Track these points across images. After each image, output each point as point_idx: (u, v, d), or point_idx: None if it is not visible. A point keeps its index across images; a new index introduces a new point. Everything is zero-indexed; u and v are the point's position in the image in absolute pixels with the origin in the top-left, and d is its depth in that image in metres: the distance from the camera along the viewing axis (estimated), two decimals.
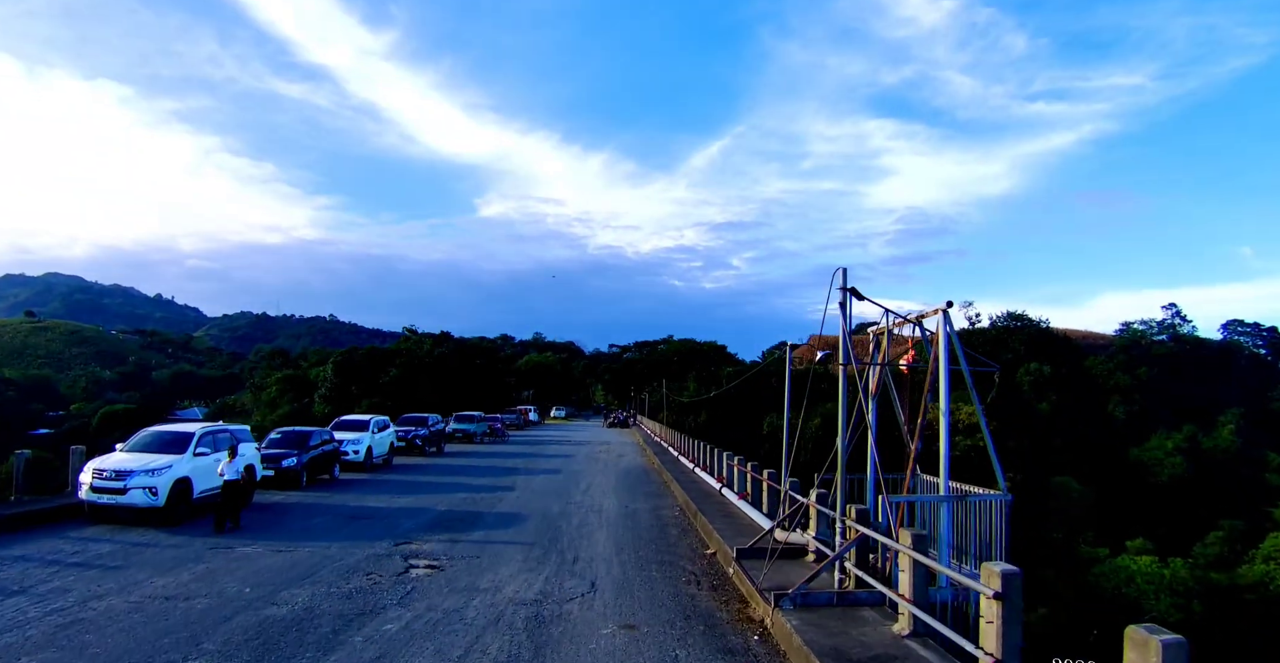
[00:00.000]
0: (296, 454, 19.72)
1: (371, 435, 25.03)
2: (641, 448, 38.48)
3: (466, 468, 26.26)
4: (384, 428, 26.67)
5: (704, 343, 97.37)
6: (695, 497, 17.09)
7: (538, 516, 15.79)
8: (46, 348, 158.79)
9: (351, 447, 23.99)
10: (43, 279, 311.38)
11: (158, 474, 14.20)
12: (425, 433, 31.15)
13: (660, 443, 39.30)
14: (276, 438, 20.86)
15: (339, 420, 26.42)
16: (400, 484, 21.09)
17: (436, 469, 25.69)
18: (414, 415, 33.11)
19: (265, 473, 19.14)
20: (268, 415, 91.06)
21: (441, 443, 33.40)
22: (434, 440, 32.37)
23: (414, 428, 31.13)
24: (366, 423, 25.62)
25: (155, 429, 16.49)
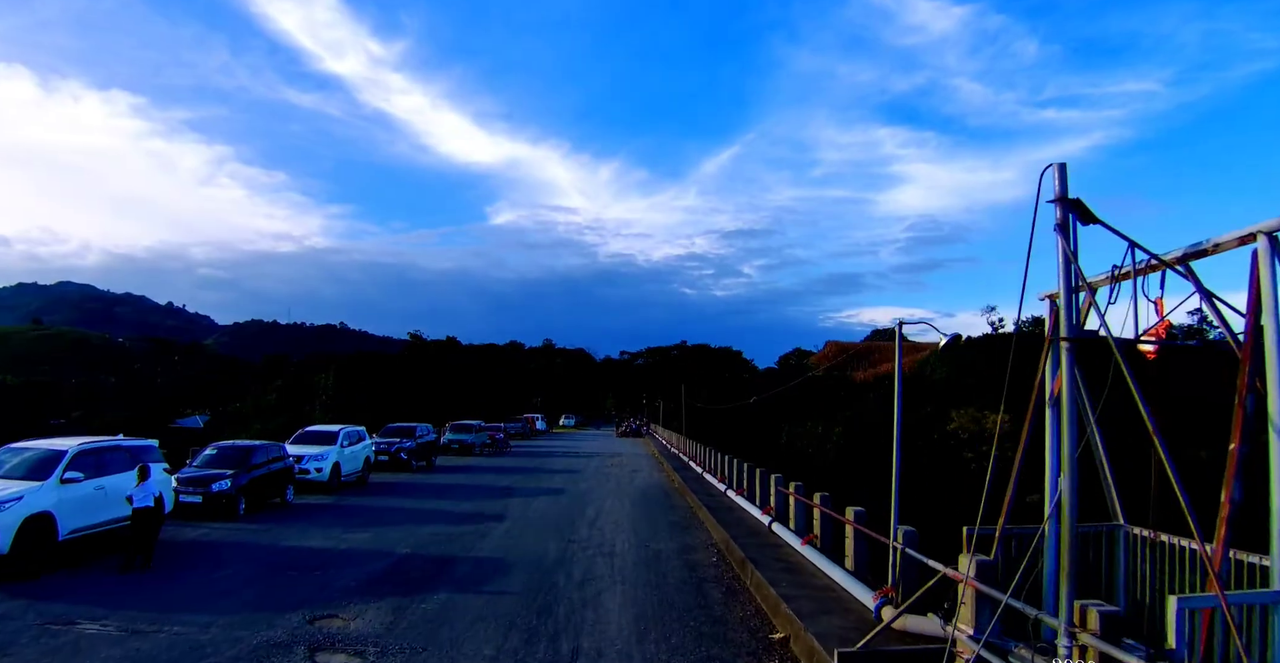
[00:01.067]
0: (232, 475, 15.64)
1: (339, 450, 20.93)
2: (657, 461, 34.28)
3: (454, 488, 22.11)
4: (357, 441, 22.55)
5: (719, 349, 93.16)
6: (738, 534, 12.88)
7: (527, 563, 11.60)
8: (51, 355, 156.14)
9: (313, 464, 19.90)
10: (54, 288, 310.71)
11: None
12: (411, 446, 27.04)
13: (678, 455, 35.08)
14: (211, 455, 16.77)
15: (303, 432, 22.34)
16: (365, 512, 16.95)
17: (418, 490, 21.55)
18: (399, 426, 29.01)
19: (191, 499, 15.15)
20: (267, 424, 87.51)
21: (432, 456, 29.28)
22: (423, 454, 28.25)
23: (398, 440, 27.04)
24: (335, 434, 21.51)
25: (15, 447, 12.42)
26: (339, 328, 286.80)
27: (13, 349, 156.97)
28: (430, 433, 29.65)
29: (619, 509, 17.90)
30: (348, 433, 22.06)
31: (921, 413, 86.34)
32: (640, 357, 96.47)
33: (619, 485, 23.50)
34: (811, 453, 71.60)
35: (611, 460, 34.57)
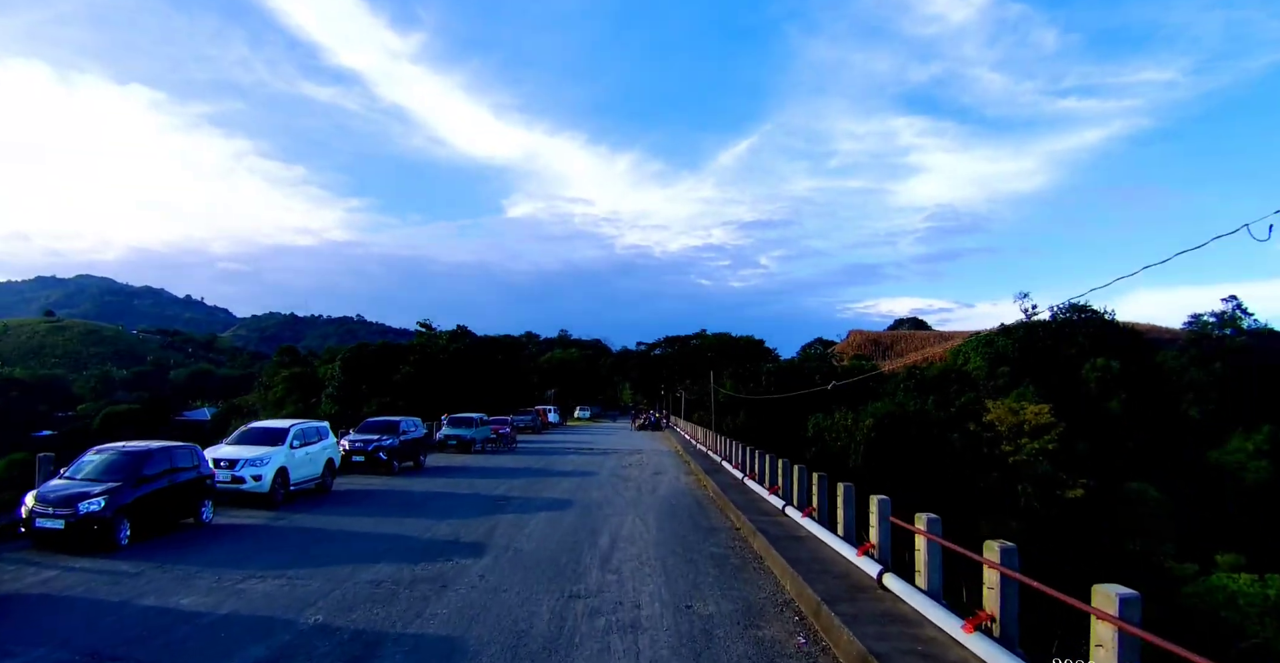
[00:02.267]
0: (110, 492, 11.20)
1: (287, 452, 16.44)
2: (682, 460, 29.67)
3: (435, 498, 17.60)
4: (315, 439, 18.02)
5: (740, 338, 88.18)
6: (828, 589, 8.25)
7: (497, 654, 7.03)
8: (64, 348, 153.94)
9: (249, 470, 15.43)
10: (74, 281, 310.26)
11: None
12: (393, 443, 22.56)
13: (706, 453, 30.44)
14: (93, 462, 12.26)
15: (247, 429, 17.82)
16: (300, 539, 12.47)
17: (388, 502, 17.04)
18: (380, 420, 24.53)
19: (49, 524, 10.80)
20: (275, 415, 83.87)
21: (420, 455, 24.80)
22: (408, 453, 23.79)
23: (377, 437, 22.59)
24: (283, 432, 17.01)
25: None
26: (356, 320, 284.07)
27: (25, 342, 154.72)
28: (418, 428, 25.18)
29: (641, 533, 13.28)
30: (302, 430, 17.56)
31: (957, 404, 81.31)
32: (658, 346, 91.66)
33: (639, 494, 18.88)
34: (840, 447, 66.84)
35: (630, 459, 29.99)
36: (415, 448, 24.32)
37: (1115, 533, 64.44)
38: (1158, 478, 74.33)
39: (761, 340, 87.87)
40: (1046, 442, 71.56)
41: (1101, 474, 69.13)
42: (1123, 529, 64.04)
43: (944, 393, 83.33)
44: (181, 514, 13.10)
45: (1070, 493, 66.71)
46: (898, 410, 71.04)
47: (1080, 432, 76.73)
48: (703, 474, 22.36)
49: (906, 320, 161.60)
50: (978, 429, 76.07)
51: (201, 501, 13.44)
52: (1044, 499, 67.29)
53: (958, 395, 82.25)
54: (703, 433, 35.19)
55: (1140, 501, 66.28)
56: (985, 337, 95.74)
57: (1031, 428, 72.41)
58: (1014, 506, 66.75)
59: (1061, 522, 66.95)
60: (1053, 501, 66.91)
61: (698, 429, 38.08)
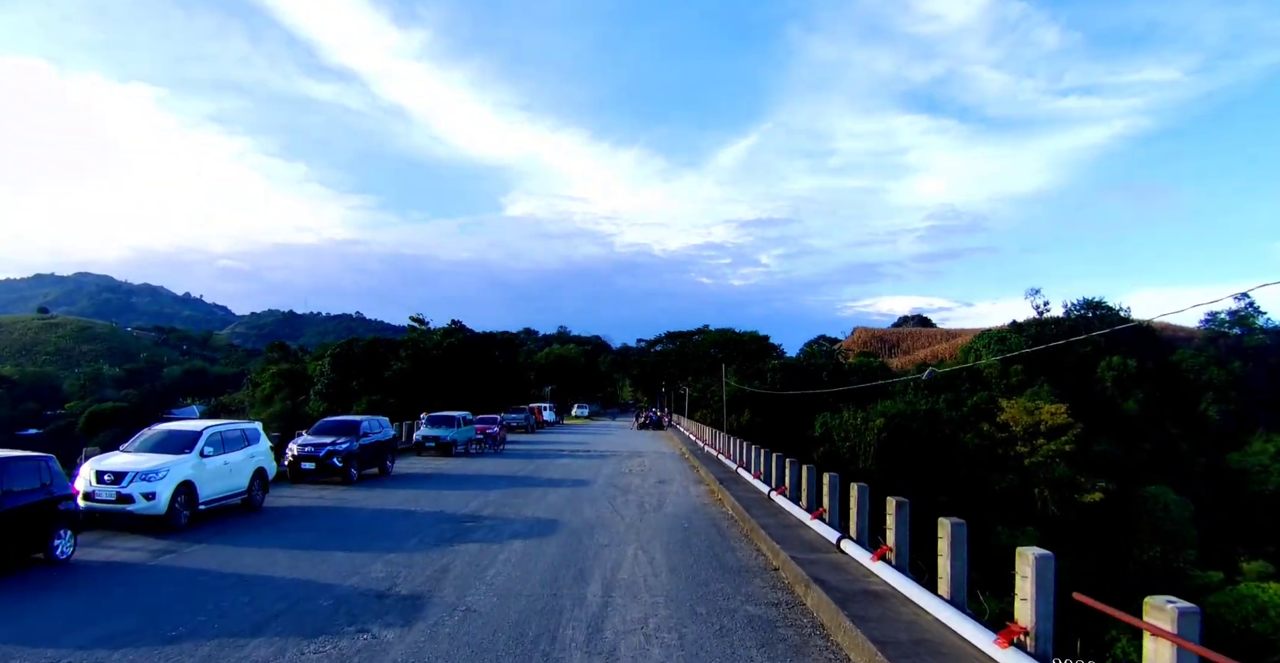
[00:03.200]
0: None
1: (194, 461, 12.82)
2: (689, 465, 26.01)
3: (385, 519, 13.92)
4: (239, 445, 14.36)
5: (744, 333, 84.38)
6: None
7: None
8: (56, 345, 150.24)
9: (140, 487, 11.81)
10: (73, 279, 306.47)
11: None
12: (349, 448, 18.91)
13: (716, 457, 26.80)
14: None
15: (151, 433, 14.15)
16: (167, 589, 8.83)
17: (321, 525, 13.35)
18: (337, 420, 20.86)
19: None
20: (261, 413, 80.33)
21: (387, 460, 21.18)
22: (371, 458, 20.17)
23: (331, 440, 18.94)
24: (194, 437, 13.39)
25: None
26: (356, 317, 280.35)
27: (17, 339, 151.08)
28: (384, 429, 21.52)
29: (646, 577, 9.62)
30: (219, 434, 13.88)
31: (970, 403, 77.73)
32: (659, 342, 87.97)
33: (642, 512, 15.22)
34: (849, 447, 63.30)
35: (630, 464, 26.33)
36: (380, 452, 20.68)
37: (1134, 539, 61.00)
38: (1176, 481, 70.90)
39: (766, 336, 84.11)
40: (1063, 443, 68.05)
41: (1118, 477, 65.73)
42: (1141, 535, 60.64)
43: (956, 392, 79.83)
44: (23, 549, 9.50)
45: (1088, 497, 63.25)
46: (909, 410, 67.44)
47: (1096, 432, 73.29)
48: (716, 484, 18.72)
49: (911, 317, 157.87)
50: (992, 430, 72.56)
51: (54, 530, 9.82)
52: (1062, 503, 63.83)
53: (970, 394, 78.78)
54: (710, 434, 31.54)
55: (1159, 505, 62.88)
56: (997, 333, 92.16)
57: (1048, 429, 68.96)
58: (1030, 509, 63.32)
59: (1080, 527, 63.48)
60: (1070, 504, 63.49)
61: (704, 429, 34.44)
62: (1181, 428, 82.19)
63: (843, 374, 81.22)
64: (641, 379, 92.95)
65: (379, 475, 20.80)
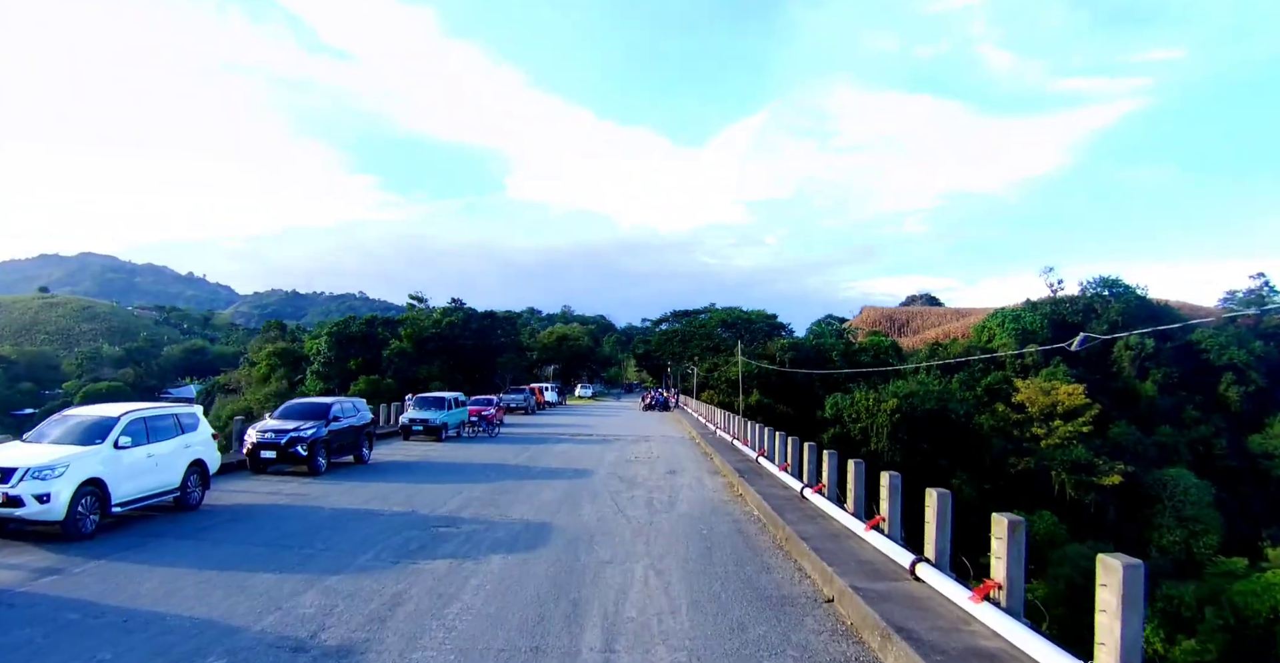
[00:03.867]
0: None
1: (106, 454, 10.40)
2: (702, 451, 23.62)
3: (343, 522, 11.43)
4: (170, 434, 11.93)
5: (752, 312, 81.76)
6: None
7: None
8: (56, 324, 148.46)
9: (32, 486, 9.43)
10: (77, 259, 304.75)
11: None
12: (316, 434, 16.50)
13: (731, 443, 24.36)
14: None
15: (60, 419, 11.71)
16: (15, 630, 6.51)
17: (263, 531, 10.86)
18: (306, 403, 18.37)
19: None
20: (257, 392, 78.34)
21: (363, 447, 18.78)
22: (343, 445, 17.78)
23: (295, 426, 16.54)
24: (108, 425, 10.91)
25: None
26: (359, 297, 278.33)
27: (17, 319, 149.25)
28: (360, 412, 19.07)
29: (661, 613, 7.17)
30: (142, 420, 11.38)
31: (983, 384, 75.30)
32: (664, 321, 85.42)
33: (651, 512, 12.78)
34: (861, 429, 61.00)
35: (636, 449, 23.93)
36: (355, 438, 18.26)
37: (1153, 523, 58.85)
38: (1196, 464, 68.59)
39: (775, 315, 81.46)
40: (1081, 424, 65.68)
41: (1137, 459, 63.46)
42: (1161, 519, 58.48)
43: (969, 372, 77.37)
44: None
45: (1107, 480, 60.94)
46: (921, 390, 64.97)
47: (1114, 414, 70.91)
48: (734, 476, 16.30)
49: (919, 297, 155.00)
50: (1007, 411, 70.15)
51: None
52: (1079, 486, 61.56)
53: (983, 374, 76.31)
54: (723, 417, 29.07)
55: (1179, 488, 60.58)
56: (1011, 312, 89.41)
57: (1065, 410, 66.55)
58: (1047, 492, 61.16)
59: (1099, 511, 61.25)
60: (1088, 487, 61.24)
61: (715, 412, 31.98)
62: (1201, 409, 79.75)
63: (854, 354, 78.78)
64: (646, 359, 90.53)
65: (354, 464, 18.43)
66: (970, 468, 59.76)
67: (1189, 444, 75.82)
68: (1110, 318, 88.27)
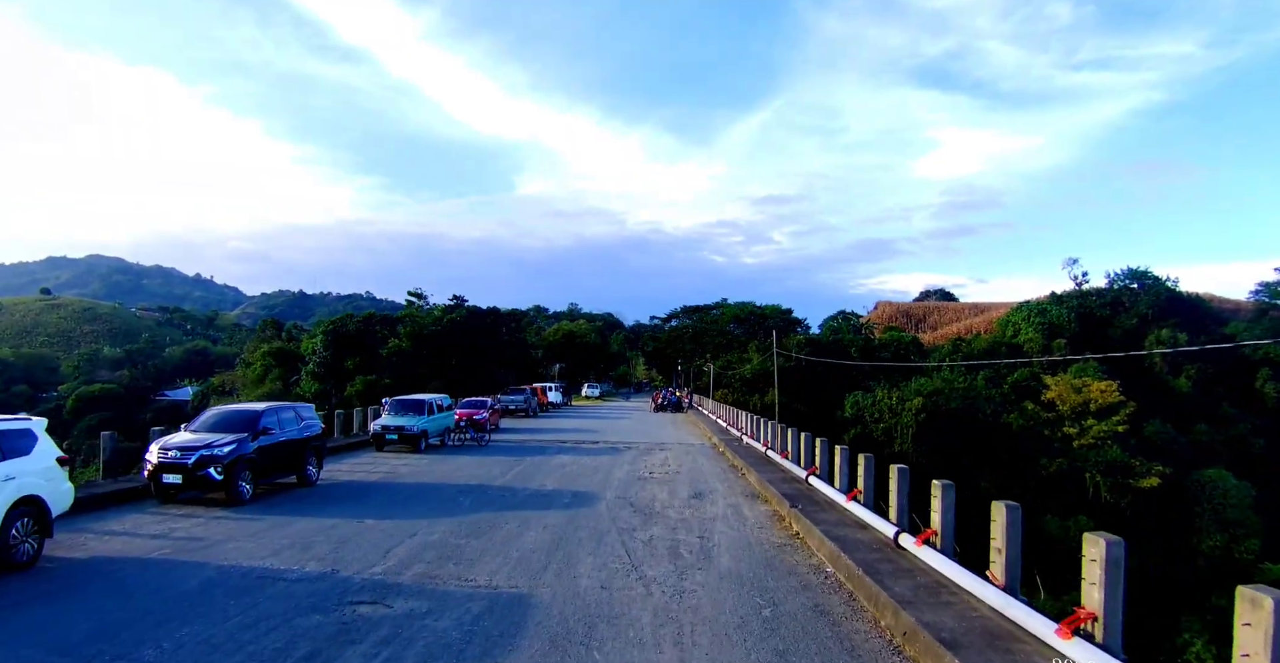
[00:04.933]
0: None
1: None
2: (730, 464, 19.59)
3: (216, 597, 7.39)
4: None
5: (766, 307, 77.63)
6: None
7: None
8: (57, 326, 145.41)
9: None
10: (85, 261, 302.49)
11: None
12: (238, 452, 12.56)
13: (765, 454, 20.29)
14: None
15: None
16: None
17: (75, 613, 6.99)
18: (230, 411, 14.27)
19: None
20: (251, 394, 74.70)
21: (307, 466, 14.81)
22: (281, 463, 13.86)
23: (211, 440, 12.61)
24: None
25: None
26: (365, 297, 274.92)
27: (18, 321, 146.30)
28: (304, 421, 15.05)
29: None
30: None
31: (1010, 381, 71.02)
32: (674, 317, 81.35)
33: (680, 571, 8.67)
34: (884, 429, 56.93)
35: (650, 462, 19.91)
36: (294, 454, 14.30)
37: (1192, 527, 54.69)
38: (1234, 464, 64.26)
39: (790, 310, 77.30)
40: (1115, 423, 61.23)
41: (1173, 460, 59.21)
42: (1201, 523, 54.31)
43: (994, 368, 73.16)
44: None
45: (1145, 482, 56.59)
46: (946, 388, 60.73)
47: (1147, 412, 66.61)
48: (782, 504, 12.29)
49: (933, 292, 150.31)
50: (1037, 409, 65.78)
51: None
52: (1115, 488, 57.25)
53: (1010, 371, 72.08)
54: (749, 420, 24.90)
55: (1218, 490, 56.26)
56: (1037, 306, 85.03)
57: (1097, 408, 62.21)
58: (1081, 496, 57.03)
59: (1135, 515, 57.09)
60: (1124, 490, 56.98)
61: (741, 415, 27.81)
62: (1238, 406, 75.46)
63: (873, 350, 74.68)
64: (656, 357, 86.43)
65: (296, 486, 14.51)
66: (999, 470, 55.77)
67: (1225, 442, 71.41)
68: (1140, 311, 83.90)
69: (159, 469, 12.30)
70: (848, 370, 67.16)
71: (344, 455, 20.25)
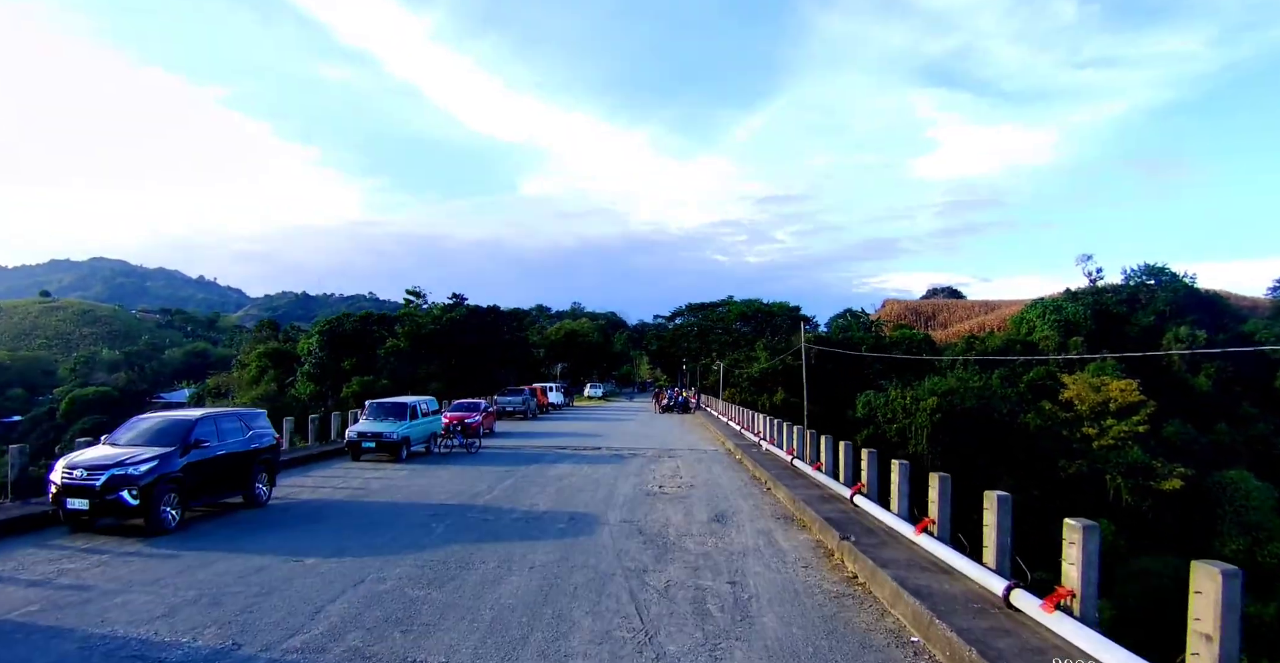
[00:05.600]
0: None
1: None
2: (754, 477, 17.13)
3: None
4: None
5: (774, 304, 75.17)
6: None
7: None
8: (56, 328, 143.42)
9: None
10: (88, 264, 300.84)
11: None
12: (161, 470, 10.21)
13: (789, 462, 17.86)
14: None
15: None
16: None
17: None
18: (158, 421, 11.54)
19: None
20: (246, 395, 72.42)
21: (255, 482, 12.41)
22: (221, 481, 11.50)
23: (129, 456, 10.26)
24: None
25: None
26: (369, 298, 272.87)
27: (16, 323, 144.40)
28: (254, 431, 12.63)
29: None
30: None
31: (1026, 379, 68.51)
32: (679, 315, 78.82)
33: (714, 644, 6.40)
34: (897, 430, 54.60)
35: (659, 472, 17.51)
36: (239, 470, 11.94)
37: (1213, 530, 52.27)
38: (1256, 465, 61.73)
39: (798, 307, 74.86)
40: (1136, 424, 58.66)
41: (1194, 460, 56.77)
42: (1222, 526, 51.89)
43: (1009, 366, 70.73)
44: None
45: (1167, 484, 54.06)
46: (961, 387, 58.31)
47: (1166, 412, 64.12)
48: (827, 532, 9.89)
49: (940, 290, 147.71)
50: (1054, 409, 63.23)
51: None
52: (1136, 491, 54.76)
53: (1025, 369, 69.59)
54: (767, 423, 22.37)
55: (1239, 492, 53.76)
56: (1052, 303, 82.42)
57: (1117, 408, 59.67)
58: (1102, 498, 54.60)
59: (1157, 518, 54.66)
60: (1146, 492, 54.52)
61: (756, 417, 25.31)
62: (1258, 405, 72.94)
63: (884, 348, 72.29)
64: (661, 356, 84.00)
65: (243, 507, 12.16)
66: (1016, 472, 53.42)
67: (1246, 443, 68.87)
68: (1157, 308, 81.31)
69: (63, 493, 9.97)
70: (859, 370, 64.73)
71: (315, 466, 17.89)
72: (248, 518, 11.53)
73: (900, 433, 54.74)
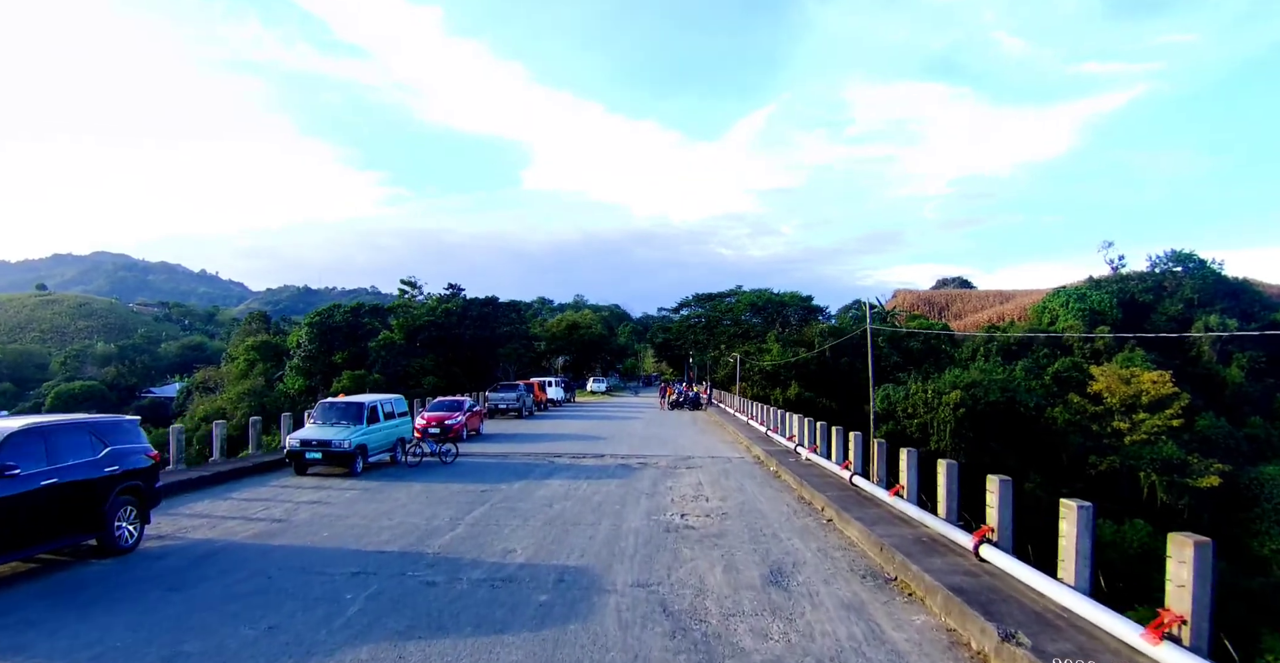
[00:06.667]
0: None
1: None
2: (800, 497, 13.31)
3: None
4: None
5: (785, 294, 71.26)
6: None
7: None
8: (51, 322, 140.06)
9: None
10: (90, 258, 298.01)
11: None
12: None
13: (841, 475, 14.02)
14: None
15: None
16: None
17: None
18: None
19: None
20: (234, 390, 68.82)
21: (112, 519, 8.66)
22: (53, 521, 7.77)
23: None
24: None
25: None
26: (370, 291, 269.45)
27: (11, 317, 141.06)
28: (114, 449, 8.87)
29: None
30: None
31: (1051, 371, 64.59)
32: (685, 306, 75.10)
33: None
34: (919, 425, 50.85)
35: (679, 490, 13.68)
36: (82, 505, 8.16)
37: (1250, 529, 48.67)
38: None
39: (810, 297, 70.92)
40: (1169, 417, 54.81)
41: (1229, 455, 53.13)
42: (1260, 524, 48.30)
43: (1033, 358, 66.93)
44: None
45: (1204, 482, 50.31)
46: (985, 380, 54.46)
47: (1197, 404, 60.37)
48: (954, 609, 6.13)
49: (950, 280, 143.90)
50: (1083, 402, 59.39)
51: None
52: (1171, 488, 51.01)
53: (1050, 360, 65.82)
54: (803, 425, 18.48)
55: (1277, 488, 50.13)
56: (1075, 291, 78.49)
57: (1149, 401, 55.88)
58: (1135, 496, 50.97)
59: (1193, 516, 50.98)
60: (1182, 490, 50.80)
61: (788, 417, 21.27)
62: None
63: (901, 339, 68.52)
64: (666, 349, 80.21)
65: (94, 555, 8.42)
66: (1044, 468, 49.85)
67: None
68: (1185, 296, 77.33)
69: None
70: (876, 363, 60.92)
71: (246, 482, 14.15)
72: (86, 577, 7.75)
73: (921, 428, 51.18)
